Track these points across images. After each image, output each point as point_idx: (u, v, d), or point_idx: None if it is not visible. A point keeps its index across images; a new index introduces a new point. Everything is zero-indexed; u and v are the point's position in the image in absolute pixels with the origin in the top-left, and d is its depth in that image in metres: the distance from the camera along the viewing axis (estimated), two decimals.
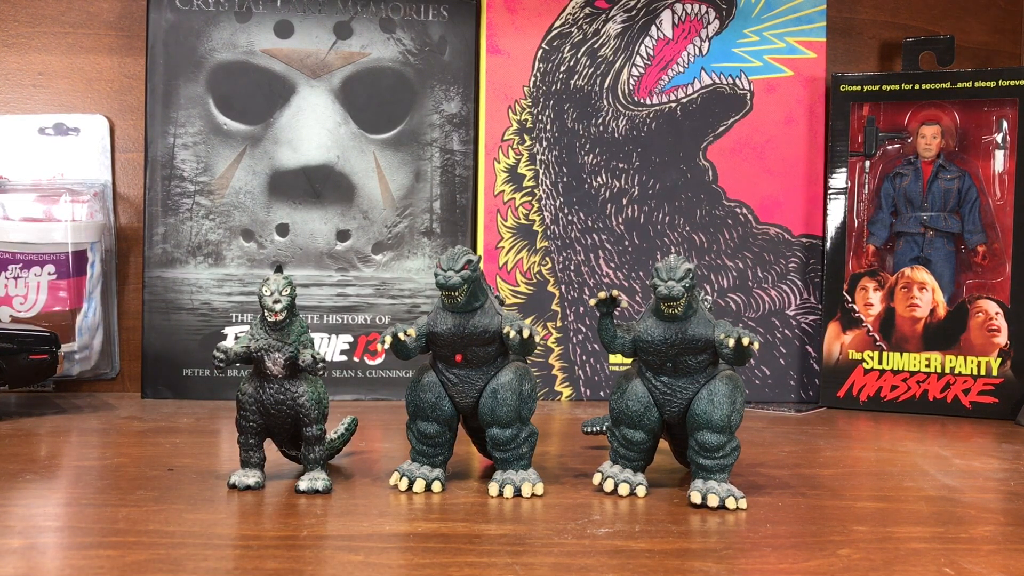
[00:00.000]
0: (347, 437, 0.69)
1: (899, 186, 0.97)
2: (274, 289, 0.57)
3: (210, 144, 0.95)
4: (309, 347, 0.58)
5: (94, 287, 0.96)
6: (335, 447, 0.67)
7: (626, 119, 1.00)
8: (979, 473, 0.68)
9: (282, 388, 0.58)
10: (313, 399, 0.59)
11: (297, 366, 0.58)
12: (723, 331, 0.57)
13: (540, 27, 0.99)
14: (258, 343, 0.58)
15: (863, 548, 0.49)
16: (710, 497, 0.56)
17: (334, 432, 0.68)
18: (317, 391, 0.59)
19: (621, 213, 1.00)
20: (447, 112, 0.99)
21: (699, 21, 1.01)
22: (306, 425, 0.59)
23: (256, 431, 0.59)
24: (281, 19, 0.96)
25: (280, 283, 0.57)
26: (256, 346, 0.58)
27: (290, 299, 0.57)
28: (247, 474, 0.59)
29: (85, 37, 0.99)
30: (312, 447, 0.59)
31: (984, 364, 0.94)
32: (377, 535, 0.50)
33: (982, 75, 0.95)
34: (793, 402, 1.01)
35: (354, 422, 0.69)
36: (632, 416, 0.59)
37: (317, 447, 0.59)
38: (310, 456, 0.59)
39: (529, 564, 0.46)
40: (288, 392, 0.58)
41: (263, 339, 0.58)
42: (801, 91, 1.02)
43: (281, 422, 0.59)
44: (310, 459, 0.59)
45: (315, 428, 0.59)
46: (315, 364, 0.57)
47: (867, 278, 0.98)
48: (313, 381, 0.59)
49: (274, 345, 0.58)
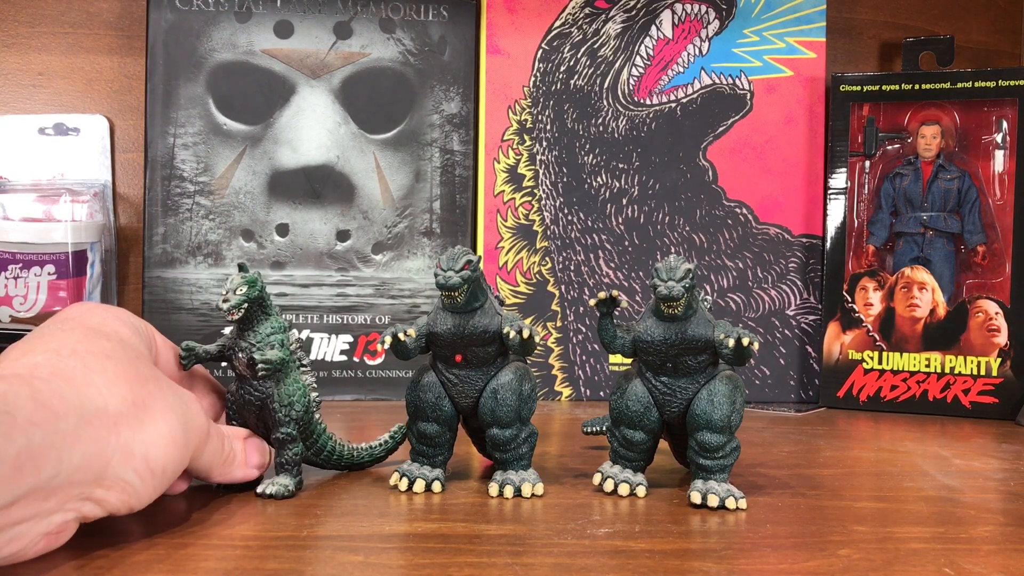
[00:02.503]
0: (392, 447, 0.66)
1: (899, 186, 0.97)
2: (228, 288, 0.56)
3: (210, 144, 0.95)
4: (276, 348, 0.56)
5: (94, 287, 0.96)
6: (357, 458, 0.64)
7: (626, 119, 1.00)
8: (979, 473, 0.68)
9: (253, 388, 0.57)
10: (281, 400, 0.57)
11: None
12: (723, 331, 0.57)
13: (540, 27, 0.99)
14: (229, 342, 0.58)
15: (863, 548, 0.49)
16: (710, 497, 0.56)
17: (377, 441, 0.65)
18: (287, 393, 0.57)
19: (621, 213, 1.00)
20: (447, 112, 0.99)
21: (699, 21, 1.01)
22: (272, 426, 0.57)
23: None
24: (281, 19, 0.96)
25: (236, 281, 0.56)
26: (228, 345, 0.58)
27: (245, 298, 0.55)
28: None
29: (85, 37, 0.99)
30: (280, 450, 0.57)
31: (984, 364, 0.94)
32: (377, 535, 0.50)
33: (982, 75, 0.95)
34: (793, 402, 1.01)
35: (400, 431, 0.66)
36: (632, 416, 0.59)
37: (284, 451, 0.57)
38: (277, 460, 0.58)
39: (529, 564, 0.46)
40: (256, 392, 0.57)
41: (232, 338, 0.58)
42: (801, 91, 1.02)
43: (254, 422, 0.59)
44: (277, 463, 0.58)
45: (280, 431, 0.57)
46: (256, 365, 0.55)
47: (867, 278, 0.98)
48: (289, 381, 0.57)
49: (240, 344, 0.57)
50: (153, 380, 0.49)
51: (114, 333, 0.50)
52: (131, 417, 0.46)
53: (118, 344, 0.49)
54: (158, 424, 0.47)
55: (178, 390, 0.51)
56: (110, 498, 0.45)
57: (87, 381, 0.45)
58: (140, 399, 0.47)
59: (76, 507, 0.43)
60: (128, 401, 0.46)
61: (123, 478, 0.45)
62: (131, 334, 0.52)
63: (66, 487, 0.42)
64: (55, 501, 0.42)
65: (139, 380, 0.48)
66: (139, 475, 0.46)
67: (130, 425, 0.45)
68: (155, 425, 0.47)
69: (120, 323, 0.52)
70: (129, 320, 0.54)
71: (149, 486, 0.46)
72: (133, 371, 0.48)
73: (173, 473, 0.49)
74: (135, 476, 0.45)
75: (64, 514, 0.43)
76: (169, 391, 0.50)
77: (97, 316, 0.52)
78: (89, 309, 0.53)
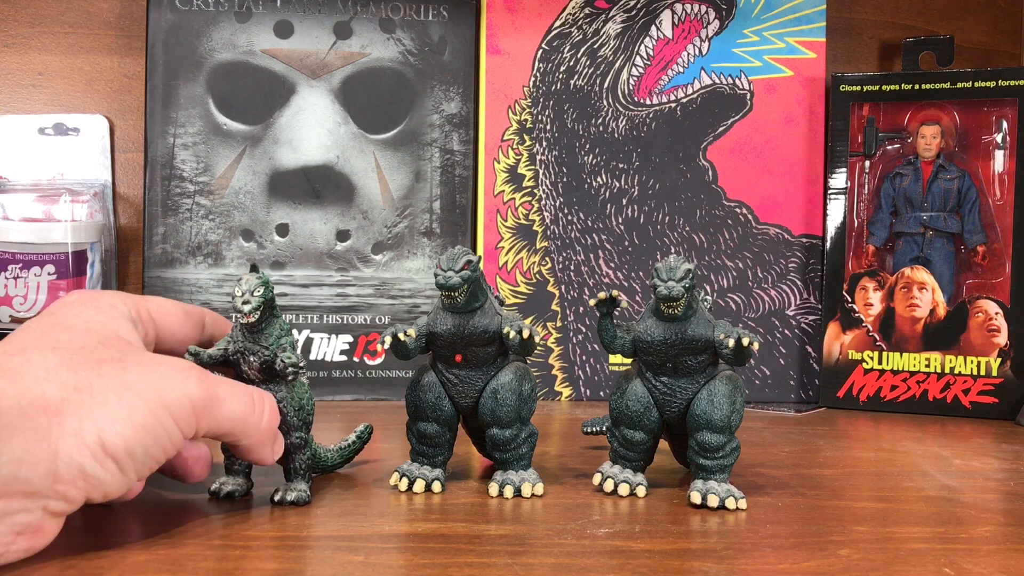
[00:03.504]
0: (359, 447, 0.65)
1: (899, 186, 0.97)
2: (245, 289, 0.53)
3: (210, 144, 0.95)
4: (288, 350, 0.54)
5: (94, 287, 0.96)
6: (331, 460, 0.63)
7: (626, 119, 1.00)
8: (979, 473, 0.68)
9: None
10: (292, 405, 0.55)
11: (274, 370, 0.55)
12: (723, 331, 0.57)
13: (540, 27, 0.99)
14: (235, 346, 0.55)
15: (863, 548, 0.49)
16: (710, 497, 0.56)
17: (344, 441, 0.65)
18: (297, 396, 0.56)
19: (621, 213, 1.00)
20: (447, 112, 0.99)
21: (699, 21, 1.01)
22: (285, 432, 0.56)
23: None
24: (281, 19, 0.96)
25: (252, 283, 0.53)
26: (233, 348, 0.55)
27: (262, 300, 0.53)
28: (228, 481, 0.57)
29: (85, 37, 0.99)
30: (291, 456, 0.56)
31: (984, 364, 0.94)
32: (377, 535, 0.50)
33: (982, 75, 0.95)
34: (793, 402, 1.01)
35: (367, 430, 0.66)
36: (632, 416, 0.59)
37: (297, 456, 0.56)
38: (290, 466, 0.56)
39: (529, 564, 0.46)
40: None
41: (239, 342, 0.55)
42: (801, 91, 1.02)
43: None
44: (290, 469, 0.56)
45: (294, 436, 0.56)
46: (286, 369, 0.54)
47: (867, 278, 0.98)
48: (294, 386, 0.56)
49: (250, 348, 0.54)
50: (112, 362, 0.46)
51: (81, 324, 0.49)
52: (75, 403, 0.43)
53: (79, 334, 0.47)
54: (110, 406, 0.44)
55: (155, 365, 0.48)
56: (71, 491, 0.43)
57: (24, 372, 0.43)
58: (85, 382, 0.44)
59: (40, 504, 0.42)
60: (69, 386, 0.44)
61: (81, 467, 0.43)
62: (111, 319, 0.51)
63: (12, 482, 0.41)
64: (7, 499, 0.41)
65: (88, 364, 0.45)
66: (98, 461, 0.43)
67: (75, 411, 0.43)
68: (106, 408, 0.44)
69: (98, 311, 0.51)
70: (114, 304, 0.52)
71: (114, 472, 0.44)
72: (83, 356, 0.45)
73: (147, 455, 0.46)
74: (94, 463, 0.43)
75: (28, 514, 0.42)
76: (136, 368, 0.47)
77: (74, 309, 0.51)
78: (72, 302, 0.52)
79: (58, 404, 0.43)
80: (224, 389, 0.50)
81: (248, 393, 0.52)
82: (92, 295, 0.53)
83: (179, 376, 0.48)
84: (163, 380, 0.47)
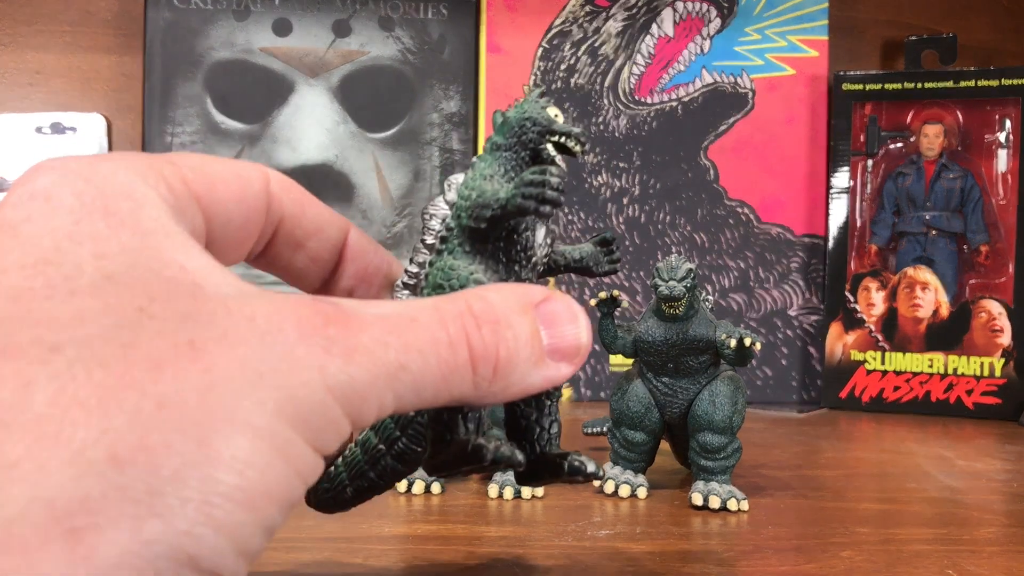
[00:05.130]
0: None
1: (902, 185, 0.97)
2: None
3: (208, 143, 0.95)
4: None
5: None
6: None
7: (627, 118, 0.99)
8: (982, 474, 0.68)
9: None
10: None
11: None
12: (725, 331, 0.56)
13: (540, 25, 0.99)
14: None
15: (865, 550, 0.49)
16: (711, 499, 0.56)
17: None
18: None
19: (622, 213, 0.99)
20: (446, 111, 0.98)
21: (700, 19, 1.01)
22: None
23: None
24: (279, 17, 0.96)
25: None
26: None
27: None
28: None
29: (82, 36, 0.99)
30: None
31: (987, 365, 0.93)
32: (376, 537, 0.50)
33: (985, 74, 0.95)
34: (795, 403, 1.01)
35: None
36: (633, 417, 0.59)
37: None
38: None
39: (529, 566, 0.45)
40: None
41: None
42: (803, 90, 1.01)
43: None
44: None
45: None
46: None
47: (869, 278, 0.98)
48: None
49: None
50: (176, 358, 0.22)
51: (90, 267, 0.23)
52: (115, 502, 0.20)
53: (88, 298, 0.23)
54: (190, 481, 0.21)
55: (261, 335, 0.23)
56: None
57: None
58: (131, 437, 0.21)
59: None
60: (97, 466, 0.20)
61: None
62: (139, 224, 0.25)
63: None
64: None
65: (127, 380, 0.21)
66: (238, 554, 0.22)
67: (116, 521, 0.20)
68: (182, 487, 0.21)
69: (109, 214, 0.25)
70: (131, 185, 0.26)
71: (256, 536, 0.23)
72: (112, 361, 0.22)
73: (271, 528, 0.23)
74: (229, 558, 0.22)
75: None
76: (226, 356, 0.22)
77: (58, 218, 0.24)
78: (51, 195, 0.25)
79: (80, 515, 0.20)
80: (394, 339, 0.25)
81: (441, 322, 0.27)
82: (80, 168, 0.25)
83: (314, 349, 0.24)
84: (284, 369, 0.23)
